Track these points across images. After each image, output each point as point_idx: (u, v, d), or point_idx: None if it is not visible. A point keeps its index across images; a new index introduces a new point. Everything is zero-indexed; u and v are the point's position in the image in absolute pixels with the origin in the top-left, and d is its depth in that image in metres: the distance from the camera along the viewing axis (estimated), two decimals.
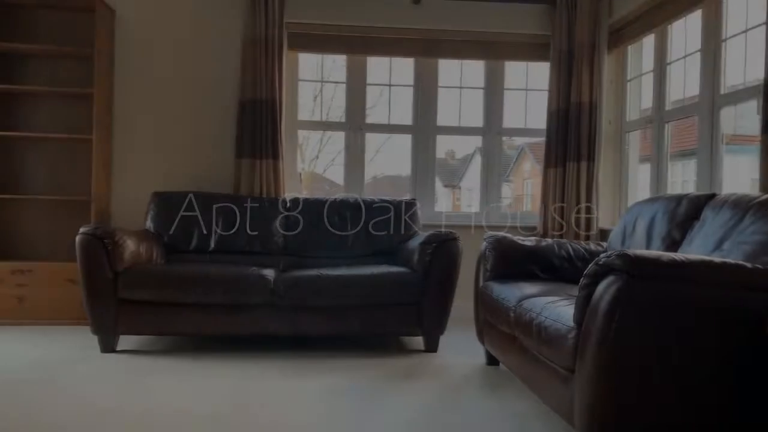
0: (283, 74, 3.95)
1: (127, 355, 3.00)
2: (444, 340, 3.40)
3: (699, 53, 3.20)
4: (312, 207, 3.72)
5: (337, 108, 4.30)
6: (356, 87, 4.25)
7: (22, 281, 3.61)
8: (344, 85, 4.27)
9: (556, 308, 2.01)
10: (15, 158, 3.93)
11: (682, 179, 5.71)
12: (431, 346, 3.20)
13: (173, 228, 3.56)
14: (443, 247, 3.15)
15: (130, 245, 3.07)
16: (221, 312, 3.03)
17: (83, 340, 3.25)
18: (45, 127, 3.91)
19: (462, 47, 4.20)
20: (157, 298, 2.97)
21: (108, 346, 3.03)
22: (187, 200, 3.62)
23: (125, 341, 3.25)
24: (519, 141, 11.19)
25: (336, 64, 4.32)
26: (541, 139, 4.23)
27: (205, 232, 3.57)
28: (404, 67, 4.33)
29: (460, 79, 4.39)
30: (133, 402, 2.29)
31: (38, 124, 3.92)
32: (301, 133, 4.29)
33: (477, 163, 4.47)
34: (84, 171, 3.93)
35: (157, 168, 4.01)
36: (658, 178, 3.61)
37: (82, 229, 2.98)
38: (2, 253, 3.91)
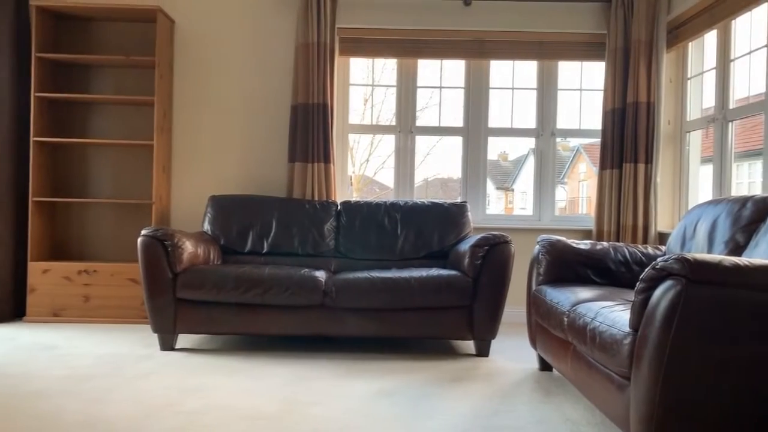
0: (335, 79, 4.01)
1: (185, 353, 3.10)
2: (495, 345, 3.37)
3: (765, 49, 3.05)
4: (362, 210, 3.75)
5: (387, 111, 4.32)
6: (406, 90, 4.26)
7: (87, 281, 3.79)
8: (394, 88, 4.29)
9: (612, 313, 1.96)
10: (84, 163, 4.13)
11: (749, 180, 5.46)
12: (483, 351, 3.17)
13: (229, 230, 3.66)
14: (495, 251, 3.12)
15: (188, 247, 3.18)
16: (274, 312, 3.09)
17: (144, 338, 3.39)
18: (111, 134, 4.11)
19: (514, 48, 4.15)
20: (213, 298, 3.06)
21: (167, 344, 3.14)
22: (242, 203, 3.72)
23: (183, 339, 3.37)
24: (574, 142, 10.95)
25: (386, 67, 4.35)
26: (597, 140, 4.13)
27: (259, 234, 3.66)
28: (455, 69, 4.32)
29: (512, 80, 4.33)
30: (188, 398, 2.37)
31: (104, 131, 4.12)
32: (352, 137, 4.33)
33: (530, 164, 4.40)
34: (146, 175, 4.11)
35: (213, 172, 4.14)
36: (721, 179, 3.46)
37: (143, 231, 3.11)
38: (70, 253, 4.12)
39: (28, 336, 3.40)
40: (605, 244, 2.92)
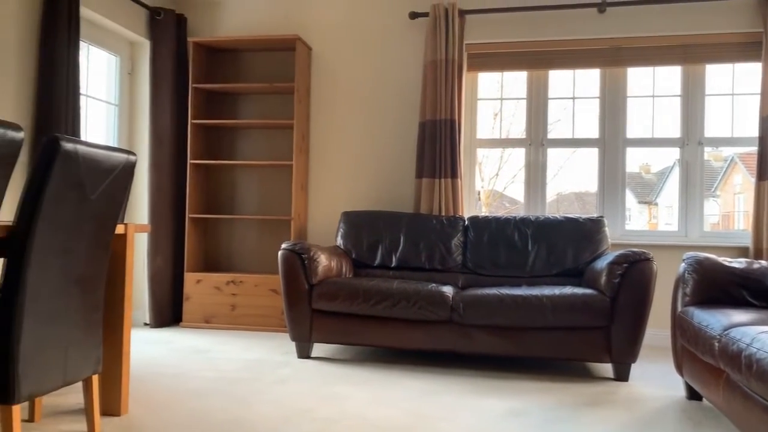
0: (463, 94, 4.03)
1: (320, 361, 3.25)
2: (636, 369, 3.16)
3: None
4: (491, 225, 3.71)
5: (518, 124, 4.25)
6: (537, 102, 4.17)
7: (234, 291, 4.12)
8: (524, 100, 4.21)
9: None
10: (232, 183, 4.51)
11: None
12: (621, 375, 2.98)
13: (360, 245, 3.79)
14: (635, 268, 2.93)
15: (323, 260, 3.34)
16: (403, 326, 3.14)
17: (283, 346, 3.61)
18: (255, 156, 4.45)
19: (654, 53, 3.91)
20: (345, 309, 3.19)
21: (304, 352, 3.31)
22: (371, 219, 3.84)
23: (318, 348, 3.54)
24: (727, 152, 9.98)
25: (517, 80, 4.28)
26: (753, 149, 3.75)
27: (388, 249, 3.75)
28: (589, 79, 4.15)
29: (653, 88, 4.07)
30: (323, 405, 2.47)
31: (250, 153, 4.47)
32: (481, 152, 4.30)
33: (675, 176, 4.09)
34: (286, 193, 4.39)
35: (346, 189, 4.32)
36: None
37: (283, 245, 3.32)
38: (220, 265, 4.50)
39: (184, 340, 3.75)
40: (764, 262, 2.63)
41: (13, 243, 1.65)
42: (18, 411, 1.67)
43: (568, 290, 3.05)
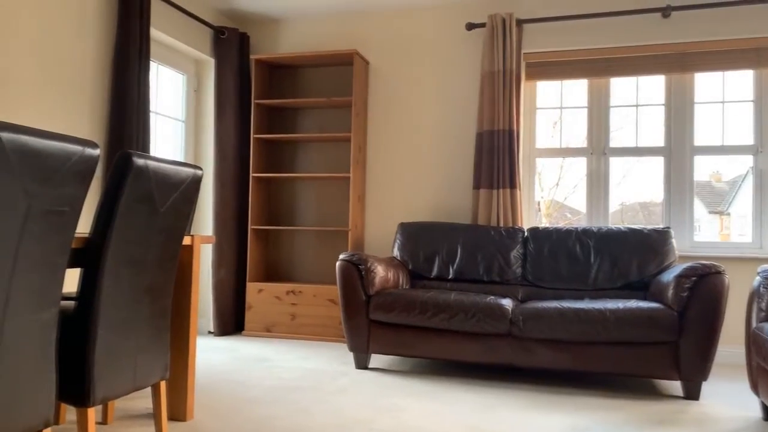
0: (521, 104, 3.98)
1: (378, 372, 3.26)
2: (707, 387, 3.01)
3: None
4: (552, 236, 3.63)
5: (578, 133, 4.16)
6: (598, 110, 4.07)
7: (294, 300, 4.20)
8: (585, 109, 4.12)
9: None
10: (292, 195, 4.62)
11: None
12: (691, 393, 2.85)
13: (416, 256, 3.80)
14: (705, 282, 2.80)
15: (380, 271, 3.36)
16: (461, 338, 3.12)
17: (341, 356, 3.64)
18: (313, 168, 4.54)
19: (723, 58, 3.75)
20: (402, 321, 3.19)
21: (361, 362, 3.33)
22: (428, 230, 3.84)
23: (376, 360, 3.55)
24: None
25: (576, 88, 4.20)
26: None
27: (445, 260, 3.74)
28: (653, 86, 4.02)
29: (723, 93, 3.90)
30: (380, 416, 2.48)
31: (308, 166, 4.57)
32: (540, 161, 4.24)
33: (749, 185, 3.89)
34: (343, 205, 4.45)
35: (403, 200, 4.34)
36: None
37: (341, 256, 3.36)
38: (280, 275, 4.60)
39: (246, 348, 3.85)
40: None
41: (89, 254, 1.75)
42: (93, 413, 1.76)
43: (633, 304, 2.95)
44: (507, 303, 3.10)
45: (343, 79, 4.50)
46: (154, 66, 4.04)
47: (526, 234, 3.73)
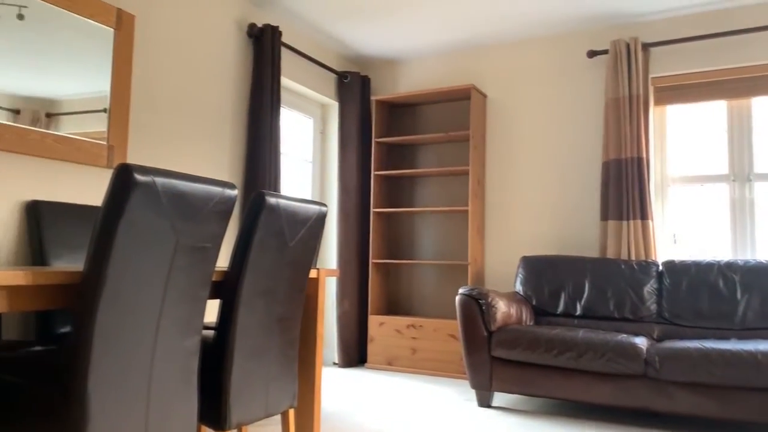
0: (650, 130, 3.78)
1: (501, 411, 3.17)
2: None
3: None
4: (690, 270, 3.36)
5: (718, 159, 3.85)
6: (740, 133, 3.75)
7: (415, 334, 4.21)
8: (724, 132, 3.81)
9: None
10: (411, 229, 4.69)
11: None
12: None
13: (540, 291, 3.67)
14: None
15: (501, 306, 3.29)
16: (589, 379, 2.95)
17: (463, 392, 3.58)
18: (432, 202, 4.59)
19: None
20: (526, 359, 3.08)
21: (484, 401, 3.25)
22: (553, 264, 3.71)
23: (499, 398, 3.45)
24: None
25: (714, 111, 3.91)
26: None
27: (571, 296, 3.58)
28: None
29: None
30: None
31: (427, 200, 4.62)
32: (675, 190, 3.96)
33: None
34: (462, 238, 4.44)
35: (524, 233, 4.23)
36: None
37: (460, 290, 3.34)
38: (401, 308, 4.65)
39: (369, 381, 3.91)
40: None
41: (227, 286, 1.89)
42: None
43: None
44: (641, 342, 2.90)
45: (460, 114, 4.54)
46: (284, 111, 4.34)
47: (660, 268, 3.48)
